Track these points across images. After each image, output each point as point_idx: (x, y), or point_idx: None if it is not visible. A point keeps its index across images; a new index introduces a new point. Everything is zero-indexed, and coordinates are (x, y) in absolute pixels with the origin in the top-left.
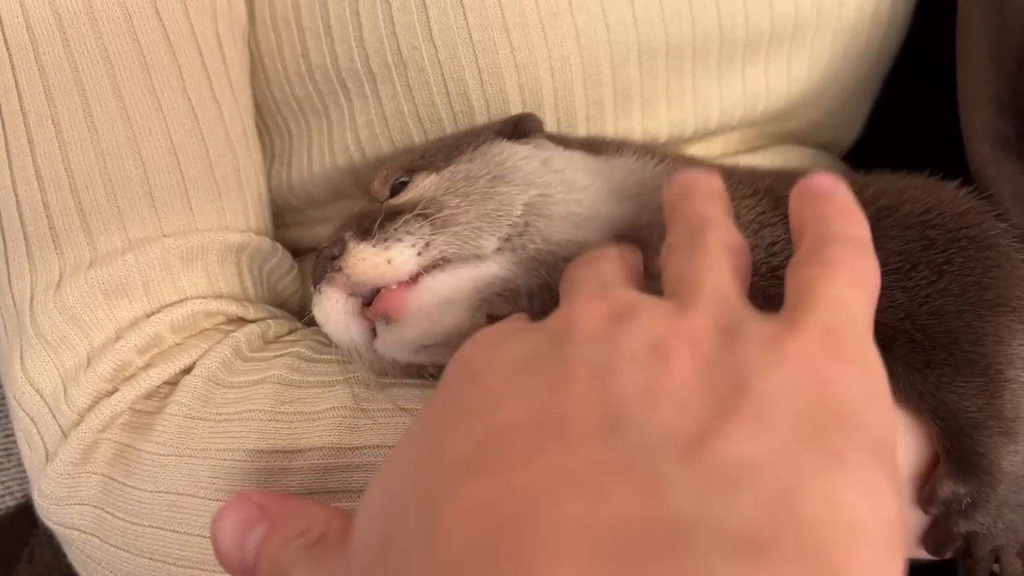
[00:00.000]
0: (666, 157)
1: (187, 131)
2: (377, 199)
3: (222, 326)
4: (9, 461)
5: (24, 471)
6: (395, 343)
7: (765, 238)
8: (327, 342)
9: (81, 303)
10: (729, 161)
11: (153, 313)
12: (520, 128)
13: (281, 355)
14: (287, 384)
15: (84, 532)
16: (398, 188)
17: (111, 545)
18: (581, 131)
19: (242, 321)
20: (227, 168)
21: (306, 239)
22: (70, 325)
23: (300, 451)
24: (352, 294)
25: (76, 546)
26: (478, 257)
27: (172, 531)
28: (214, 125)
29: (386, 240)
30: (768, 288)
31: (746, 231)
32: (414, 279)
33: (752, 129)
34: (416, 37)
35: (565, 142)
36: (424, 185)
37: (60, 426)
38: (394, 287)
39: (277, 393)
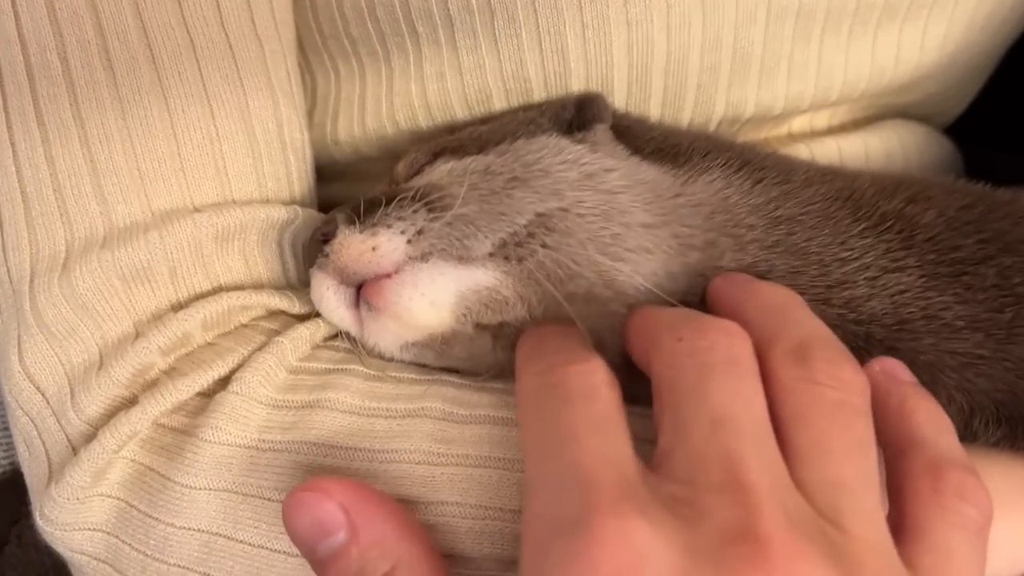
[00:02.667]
0: (764, 170)
1: (223, 75)
2: (395, 183)
3: (261, 322)
4: None
5: (11, 436)
6: (379, 334)
7: (889, 286)
8: None
9: (93, 290)
10: (834, 151)
11: (179, 304)
12: (582, 115)
13: (336, 369)
14: (348, 412)
15: (95, 559)
16: (420, 174)
17: None
18: (689, 100)
19: (284, 315)
20: (269, 123)
21: (347, 196)
22: (79, 315)
23: None
24: (343, 282)
25: (85, 571)
26: (466, 258)
27: (204, 574)
28: (254, 67)
29: (374, 226)
30: (895, 342)
31: (859, 278)
32: (397, 270)
33: (864, 101)
34: None
35: (635, 139)
36: (439, 170)
37: (66, 435)
38: (380, 275)
39: (335, 423)
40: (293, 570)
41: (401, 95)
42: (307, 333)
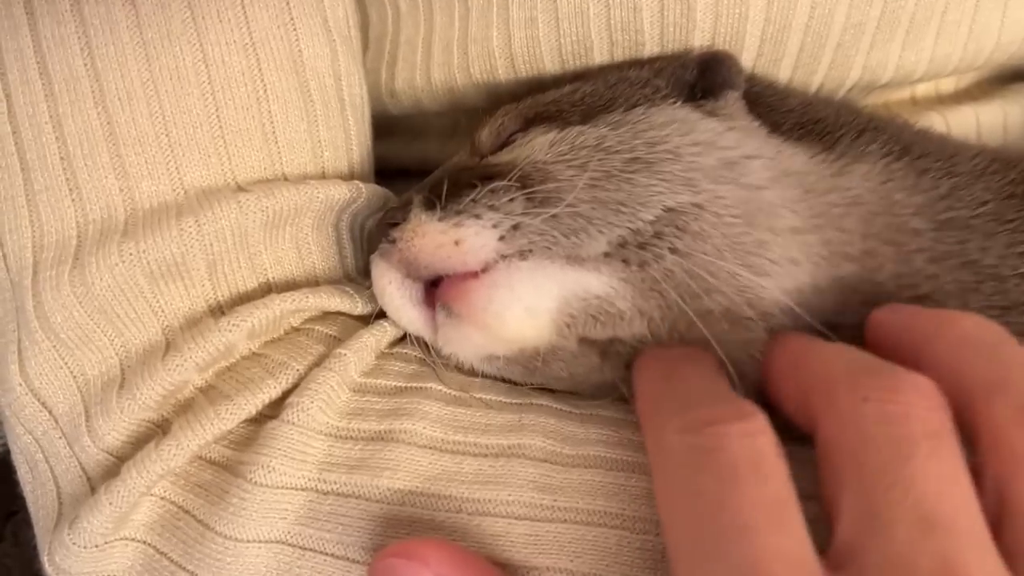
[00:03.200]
0: (926, 157)
1: (271, 14)
2: (479, 154)
3: (317, 326)
4: None
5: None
6: (458, 343)
7: None
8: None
9: (113, 289)
10: (971, 120)
11: (218, 305)
12: (709, 77)
13: (410, 388)
14: (429, 447)
15: None
16: (509, 147)
17: None
18: (824, 61)
19: (342, 316)
20: (326, 76)
21: (398, 156)
22: (95, 320)
23: None
24: (409, 275)
25: None
26: (576, 258)
27: None
28: (308, 4)
29: (459, 214)
30: None
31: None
32: (486, 268)
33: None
34: None
35: (771, 112)
36: (537, 143)
37: (80, 464)
38: (462, 272)
39: (413, 461)
40: None
41: (479, 42)
42: (372, 341)
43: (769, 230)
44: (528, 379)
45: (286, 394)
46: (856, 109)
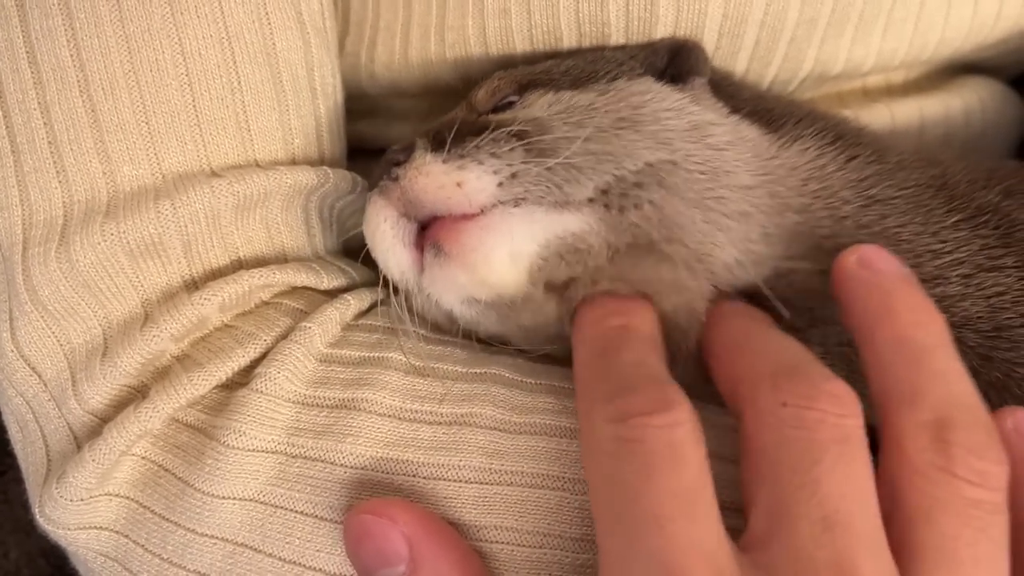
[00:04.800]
0: (858, 146)
1: (246, 11)
2: (475, 111)
3: (285, 300)
4: None
5: None
6: (442, 283)
7: (985, 286)
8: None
9: (96, 266)
10: (915, 112)
11: (193, 280)
12: (678, 64)
13: (372, 359)
14: (388, 415)
15: (101, 555)
16: (505, 108)
17: None
18: (779, 54)
19: (309, 291)
20: (298, 68)
21: (377, 137)
22: (80, 293)
23: None
24: (406, 215)
25: (89, 565)
26: (563, 204)
27: None
28: (283, 2)
29: (462, 157)
30: (989, 350)
31: (953, 275)
32: (482, 212)
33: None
34: None
35: (732, 97)
36: (536, 104)
37: (68, 424)
38: (459, 214)
39: (374, 429)
40: None
41: (455, 30)
42: (336, 315)
43: (727, 187)
44: (499, 327)
45: (255, 363)
46: (799, 104)
